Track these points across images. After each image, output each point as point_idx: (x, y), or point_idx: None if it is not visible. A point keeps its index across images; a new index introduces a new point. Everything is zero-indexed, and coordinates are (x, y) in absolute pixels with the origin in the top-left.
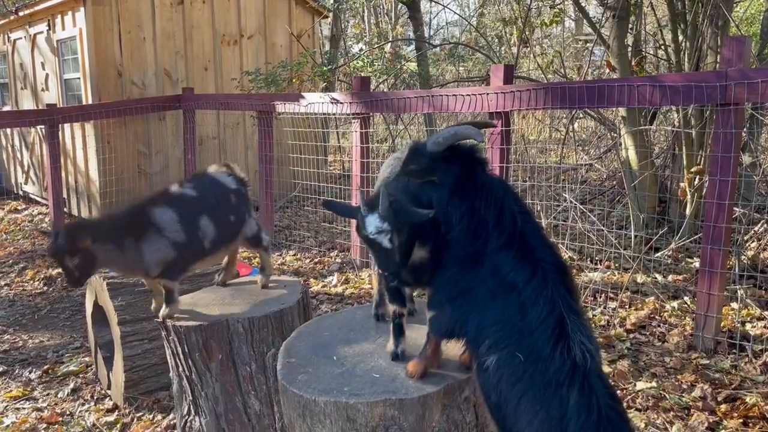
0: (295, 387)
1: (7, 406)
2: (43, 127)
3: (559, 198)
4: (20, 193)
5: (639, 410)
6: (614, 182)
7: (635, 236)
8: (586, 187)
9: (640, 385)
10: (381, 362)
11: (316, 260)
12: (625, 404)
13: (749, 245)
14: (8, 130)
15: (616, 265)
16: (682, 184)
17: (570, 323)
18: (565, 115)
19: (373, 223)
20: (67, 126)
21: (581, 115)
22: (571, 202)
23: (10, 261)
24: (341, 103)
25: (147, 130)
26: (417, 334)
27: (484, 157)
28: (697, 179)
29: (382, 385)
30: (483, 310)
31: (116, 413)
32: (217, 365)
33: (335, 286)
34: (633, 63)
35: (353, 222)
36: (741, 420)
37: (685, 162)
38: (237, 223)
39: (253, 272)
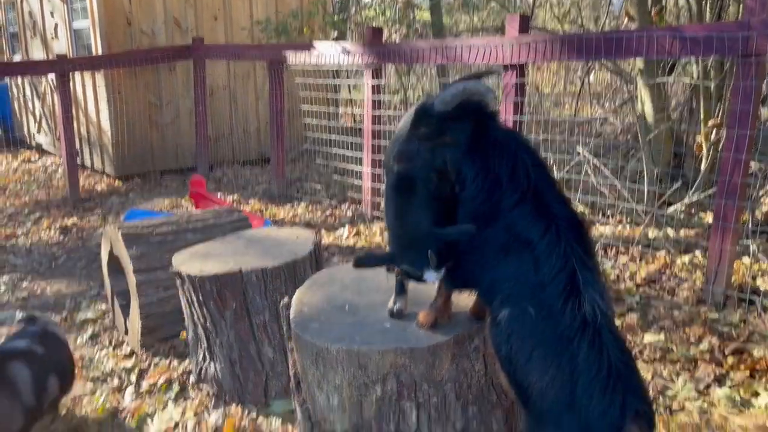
0: (308, 335)
1: None
2: (53, 77)
3: (572, 152)
4: (33, 143)
5: (646, 362)
6: (628, 136)
7: (648, 191)
8: (600, 141)
9: (648, 337)
10: None
11: (328, 213)
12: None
13: (763, 200)
14: (19, 80)
15: (628, 219)
16: (698, 138)
17: (582, 279)
18: (580, 68)
19: (430, 276)
20: (77, 76)
21: (597, 68)
22: (584, 155)
23: (26, 210)
24: (353, 53)
25: (157, 80)
26: (426, 286)
27: (495, 111)
28: (714, 133)
29: (393, 334)
30: (496, 265)
31: (133, 359)
32: (232, 314)
33: (346, 238)
34: (653, 13)
35: (365, 174)
36: (747, 372)
37: (702, 115)
38: None
39: (266, 223)
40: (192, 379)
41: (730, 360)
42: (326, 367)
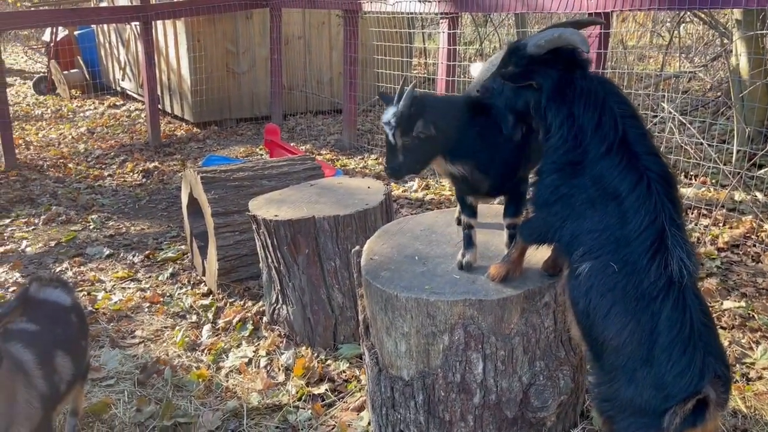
0: (379, 282)
1: (114, 285)
2: (137, 24)
3: (656, 108)
4: (118, 89)
5: (724, 328)
6: (719, 93)
7: (738, 151)
8: (687, 98)
9: (728, 304)
10: None
11: None
12: None
13: None
14: (105, 27)
15: (713, 180)
16: None
17: (671, 236)
18: (669, 19)
19: (387, 113)
20: (160, 23)
21: (688, 18)
22: (669, 112)
23: (111, 153)
24: (429, 1)
25: (235, 28)
26: (500, 240)
27: (587, 60)
28: None
29: (462, 285)
30: (580, 217)
31: (210, 297)
32: (304, 259)
33: (415, 191)
34: None
35: None
36: None
37: None
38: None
39: (337, 173)
40: (265, 319)
41: None
42: (395, 314)
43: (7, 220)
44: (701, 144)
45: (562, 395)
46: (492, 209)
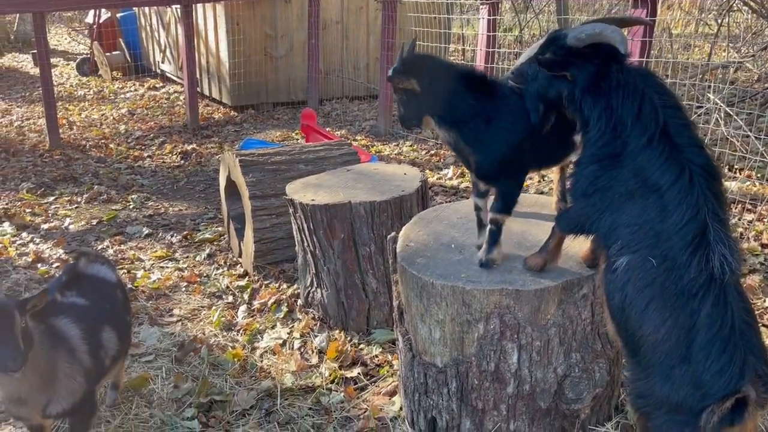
0: (414, 269)
1: (153, 264)
2: (178, 7)
3: (702, 99)
4: (158, 71)
5: (766, 326)
6: (767, 84)
7: None
8: (734, 89)
9: None
10: None
11: (432, 152)
12: None
13: None
14: (146, 10)
15: (759, 174)
16: None
17: (713, 231)
18: (716, 7)
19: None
20: (200, 7)
21: (737, 7)
22: (715, 103)
23: (151, 135)
24: None
25: (273, 12)
26: (538, 230)
27: (626, 53)
28: None
29: (498, 274)
30: (619, 209)
31: (246, 279)
32: (340, 243)
33: (450, 178)
34: None
35: None
36: None
37: None
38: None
39: (372, 159)
40: (299, 302)
41: None
42: (430, 301)
43: (51, 198)
44: (747, 137)
45: (597, 388)
46: (529, 198)
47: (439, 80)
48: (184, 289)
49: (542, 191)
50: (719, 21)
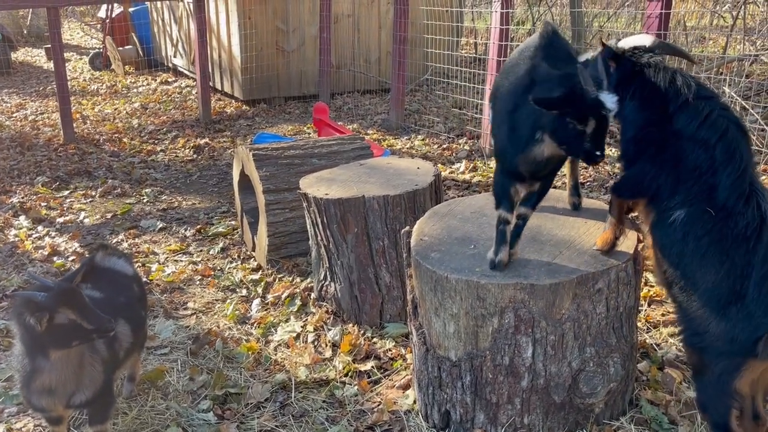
0: (429, 263)
1: (167, 257)
2: (190, 1)
3: (717, 92)
4: (170, 65)
5: None
6: None
7: None
8: (750, 82)
9: None
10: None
11: (444, 146)
12: None
13: None
14: (159, 4)
15: None
16: None
17: (756, 183)
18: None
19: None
20: (212, 1)
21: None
22: (730, 96)
23: (164, 129)
24: None
25: (285, 6)
26: (553, 224)
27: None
28: None
29: (513, 269)
30: (672, 167)
31: (260, 273)
32: (353, 237)
33: (462, 173)
34: None
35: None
36: None
37: None
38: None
39: (385, 153)
40: (313, 296)
41: None
42: (444, 295)
43: (66, 192)
44: (764, 130)
45: (611, 382)
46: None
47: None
48: (198, 282)
49: (555, 186)
50: (734, 14)
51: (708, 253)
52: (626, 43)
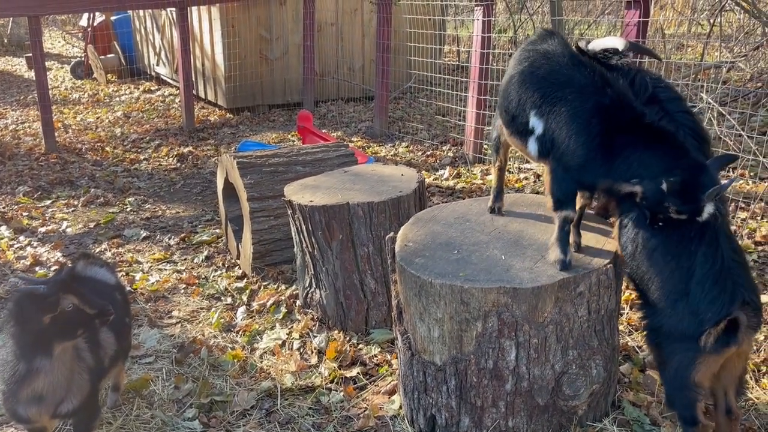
0: (413, 269)
1: (151, 266)
2: (173, 9)
3: (695, 98)
4: (153, 74)
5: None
6: (759, 83)
7: None
8: (727, 88)
9: (764, 298)
10: (496, 252)
11: (428, 153)
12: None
13: None
14: (141, 12)
15: (752, 173)
16: None
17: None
18: (709, 7)
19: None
20: (195, 9)
21: (729, 7)
22: (708, 103)
23: (147, 138)
24: None
25: (269, 14)
26: (535, 229)
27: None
28: None
29: (496, 273)
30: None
31: (245, 280)
32: (338, 244)
33: (446, 179)
34: None
35: (469, 114)
36: None
37: None
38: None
39: (369, 160)
40: (298, 303)
41: None
42: (429, 300)
43: (48, 201)
44: (740, 136)
45: (594, 384)
46: (526, 198)
47: None
48: (182, 291)
49: (538, 191)
50: (712, 21)
51: (656, 253)
52: (597, 45)
